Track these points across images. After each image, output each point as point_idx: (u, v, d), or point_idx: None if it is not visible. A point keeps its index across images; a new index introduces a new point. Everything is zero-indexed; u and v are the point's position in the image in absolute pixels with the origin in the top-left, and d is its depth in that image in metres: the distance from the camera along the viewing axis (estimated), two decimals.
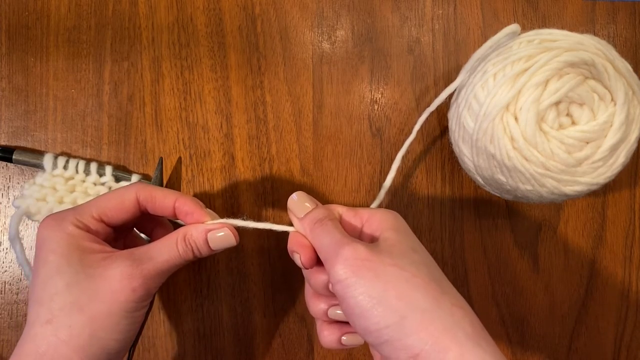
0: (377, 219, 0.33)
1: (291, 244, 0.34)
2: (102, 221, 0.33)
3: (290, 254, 0.34)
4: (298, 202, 0.35)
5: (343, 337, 0.34)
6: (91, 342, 0.30)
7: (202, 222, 0.34)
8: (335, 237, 0.31)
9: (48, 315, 0.30)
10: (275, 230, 0.35)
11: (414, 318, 0.27)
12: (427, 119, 0.45)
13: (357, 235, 0.34)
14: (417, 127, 0.42)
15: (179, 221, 0.35)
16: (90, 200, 0.33)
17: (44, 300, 0.30)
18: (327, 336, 0.34)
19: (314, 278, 0.34)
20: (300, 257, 0.33)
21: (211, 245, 0.33)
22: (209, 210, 0.35)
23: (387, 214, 0.34)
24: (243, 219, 0.35)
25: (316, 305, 0.35)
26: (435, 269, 0.31)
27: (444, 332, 0.27)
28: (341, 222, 0.34)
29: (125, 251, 0.32)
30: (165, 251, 0.32)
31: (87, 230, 0.32)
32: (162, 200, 0.34)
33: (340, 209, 0.35)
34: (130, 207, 0.33)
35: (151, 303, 0.36)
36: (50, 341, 0.30)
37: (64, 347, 0.29)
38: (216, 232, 0.33)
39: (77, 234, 0.31)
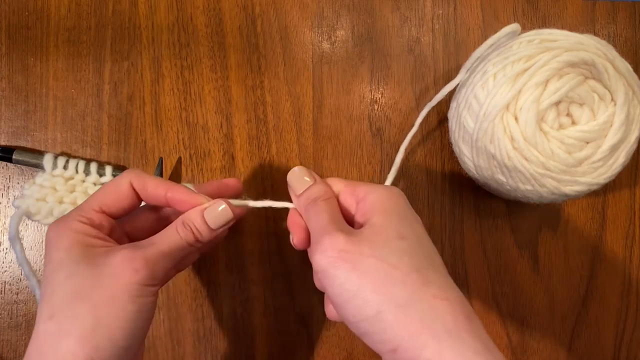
0: (370, 200, 0.32)
1: (288, 223, 0.34)
2: (103, 212, 0.32)
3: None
4: (298, 177, 0.34)
5: None
6: (96, 330, 0.28)
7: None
8: (322, 221, 0.31)
9: (50, 311, 0.29)
10: (274, 207, 0.35)
11: (390, 312, 0.27)
12: (427, 119, 0.45)
13: (352, 216, 0.33)
14: (419, 120, 0.42)
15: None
16: (89, 197, 0.33)
17: (46, 296, 0.29)
18: (332, 310, 0.33)
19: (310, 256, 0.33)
20: (293, 238, 0.33)
21: (209, 222, 0.32)
22: (203, 195, 0.34)
23: (382, 194, 0.32)
24: (243, 199, 0.35)
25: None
26: (422, 257, 0.29)
27: (421, 327, 0.26)
28: (339, 201, 0.33)
29: (127, 243, 0.32)
30: (166, 235, 0.32)
31: (91, 223, 0.31)
32: (153, 189, 0.33)
33: (340, 185, 0.34)
34: (127, 194, 0.33)
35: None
36: (53, 337, 0.28)
37: (67, 341, 0.28)
38: (212, 208, 0.33)
39: (81, 229, 0.31)
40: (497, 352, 0.27)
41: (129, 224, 0.35)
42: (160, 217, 0.36)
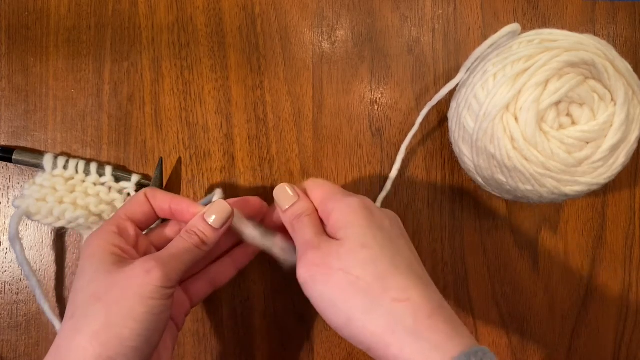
0: (335, 216, 0.34)
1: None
2: (129, 219, 0.35)
3: None
4: (284, 194, 0.36)
5: None
6: (105, 328, 0.30)
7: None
8: (305, 237, 0.34)
9: (72, 311, 0.32)
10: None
11: (358, 319, 0.30)
12: (427, 119, 0.45)
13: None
14: (419, 119, 0.43)
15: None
16: (119, 208, 0.37)
17: (71, 298, 0.32)
18: None
19: None
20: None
21: (211, 222, 0.35)
22: (201, 205, 0.37)
23: (344, 209, 0.34)
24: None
25: None
26: (385, 263, 0.32)
27: (385, 330, 0.30)
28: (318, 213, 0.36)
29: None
30: (175, 241, 0.35)
31: (119, 231, 0.34)
32: (161, 200, 0.36)
33: (319, 194, 0.36)
34: (143, 202, 0.36)
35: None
36: (70, 334, 0.31)
37: (79, 337, 0.30)
38: (210, 210, 0.35)
39: (107, 237, 0.34)
40: (461, 338, 0.29)
41: (156, 237, 0.38)
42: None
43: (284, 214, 0.36)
